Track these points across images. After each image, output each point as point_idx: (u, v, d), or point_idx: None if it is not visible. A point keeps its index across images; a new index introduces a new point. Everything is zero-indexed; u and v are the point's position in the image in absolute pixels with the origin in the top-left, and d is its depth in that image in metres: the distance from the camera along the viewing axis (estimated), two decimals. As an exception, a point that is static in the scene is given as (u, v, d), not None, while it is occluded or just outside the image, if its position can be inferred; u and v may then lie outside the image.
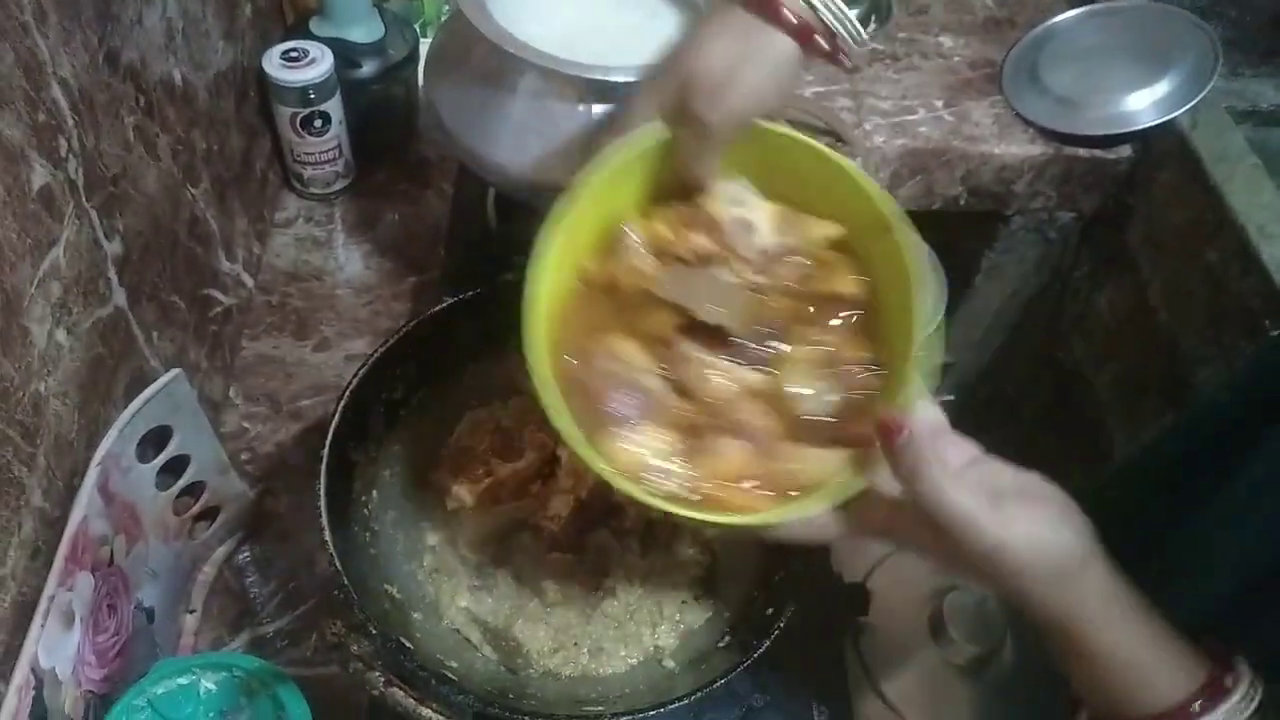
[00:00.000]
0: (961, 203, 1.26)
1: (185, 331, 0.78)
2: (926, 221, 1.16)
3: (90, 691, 0.62)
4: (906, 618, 0.79)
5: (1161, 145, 1.21)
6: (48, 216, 0.56)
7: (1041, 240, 1.35)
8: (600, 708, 0.56)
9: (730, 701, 0.67)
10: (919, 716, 0.75)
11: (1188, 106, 1.15)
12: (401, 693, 0.47)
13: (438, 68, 0.81)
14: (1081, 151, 1.22)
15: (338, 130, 0.97)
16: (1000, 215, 1.30)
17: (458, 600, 0.65)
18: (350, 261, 0.97)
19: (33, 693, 0.55)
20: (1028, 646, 0.79)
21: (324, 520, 0.55)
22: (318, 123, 0.94)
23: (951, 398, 0.95)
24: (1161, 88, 1.18)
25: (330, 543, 0.54)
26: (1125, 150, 1.23)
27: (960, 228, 1.33)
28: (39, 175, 0.55)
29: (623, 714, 0.54)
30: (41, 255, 0.56)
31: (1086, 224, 1.32)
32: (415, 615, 0.60)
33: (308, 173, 0.99)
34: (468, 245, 0.90)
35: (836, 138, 1.17)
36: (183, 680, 0.65)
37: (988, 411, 1.55)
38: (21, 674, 0.53)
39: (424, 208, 1.02)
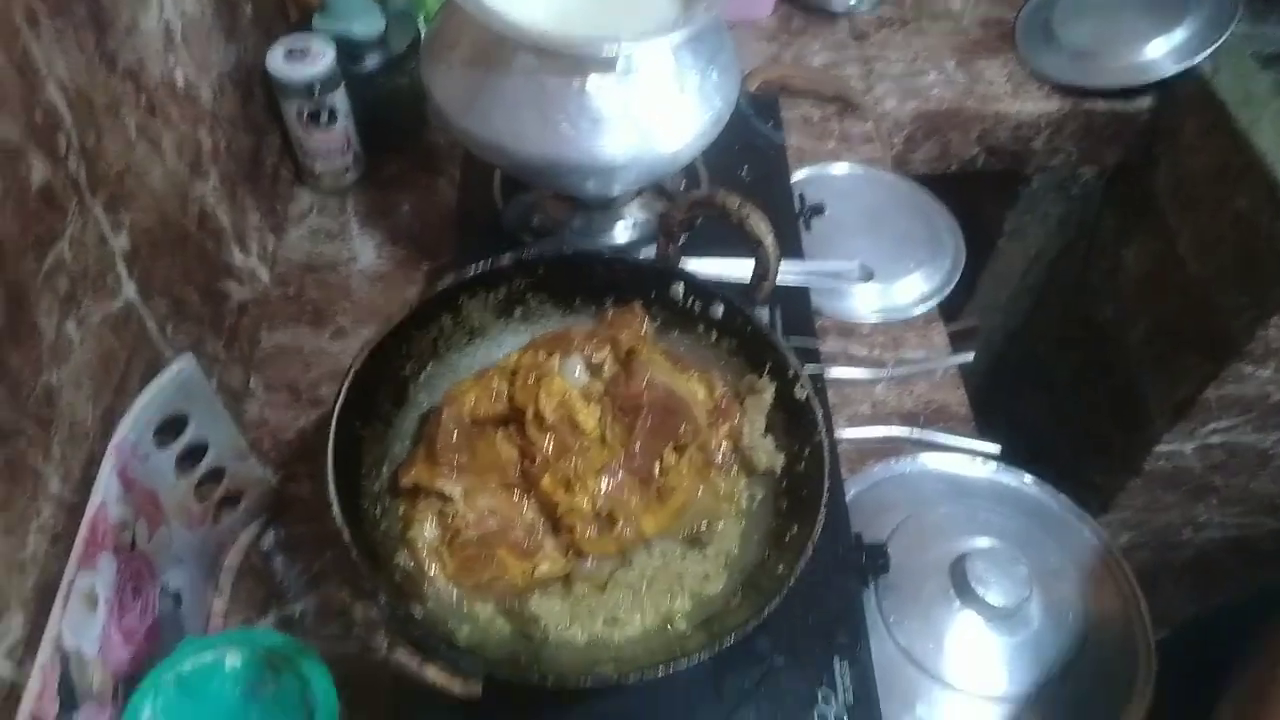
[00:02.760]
0: (979, 164, 1.24)
1: (200, 324, 0.79)
2: (944, 185, 1.16)
3: (119, 671, 0.64)
4: (929, 575, 0.78)
5: (1184, 93, 1.18)
6: (50, 213, 0.57)
7: (1064, 198, 1.32)
8: (611, 668, 0.56)
9: (750, 662, 0.67)
10: (944, 673, 0.74)
11: (1207, 52, 1.13)
12: (406, 654, 0.47)
13: (433, 55, 0.81)
14: (1101, 104, 1.20)
15: (345, 124, 0.98)
16: (1020, 175, 1.28)
17: (471, 574, 0.65)
18: (364, 251, 0.99)
19: (59, 671, 0.56)
20: (1054, 600, 0.78)
21: (331, 492, 0.55)
22: (324, 117, 0.96)
23: (971, 355, 0.94)
24: (1179, 35, 1.15)
25: (338, 514, 0.54)
26: (1146, 101, 1.21)
27: (980, 190, 1.32)
28: (39, 172, 0.56)
29: (631, 673, 0.54)
30: (45, 250, 0.57)
31: (1110, 178, 1.30)
32: (426, 588, 0.61)
33: (318, 167, 1.00)
34: (477, 227, 0.90)
35: (845, 104, 1.15)
36: (208, 657, 0.66)
37: (1018, 376, 1.53)
38: (46, 653, 0.55)
39: (435, 195, 1.03)
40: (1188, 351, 1.18)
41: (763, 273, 0.64)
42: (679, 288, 0.70)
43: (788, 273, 0.84)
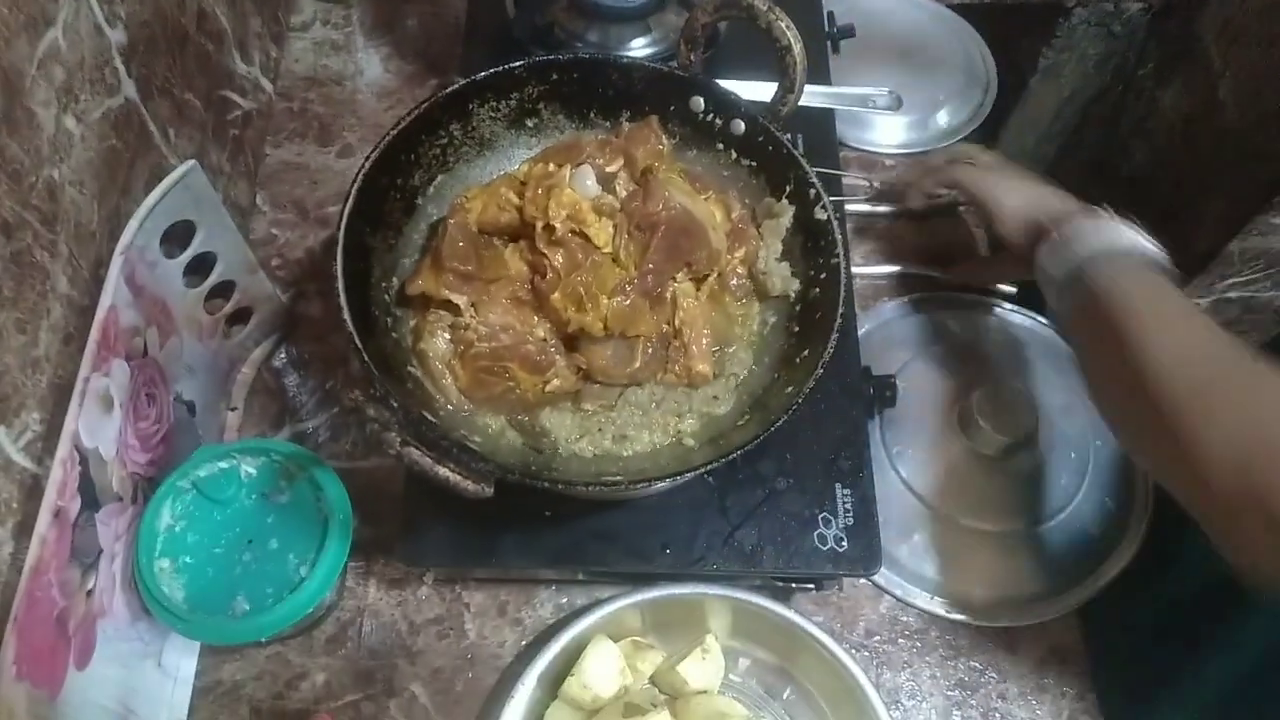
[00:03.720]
0: (1019, -7, 1.17)
1: (203, 132, 0.77)
2: (980, 16, 1.09)
3: (136, 474, 0.65)
4: (934, 410, 0.78)
5: (1246, -83, 1.09)
6: (40, -8, 0.54)
7: (1105, 35, 1.25)
8: (620, 478, 0.57)
9: (754, 484, 0.68)
10: (943, 504, 0.76)
11: None
12: (418, 452, 0.48)
13: None
14: (1155, -71, 1.12)
15: (348, -78, 0.93)
16: (1060, 7, 1.21)
17: (483, 386, 0.65)
18: (370, 65, 0.95)
19: (78, 468, 0.57)
20: (1057, 440, 0.78)
21: (340, 293, 0.54)
22: (326, -88, 0.90)
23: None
24: None
25: (347, 317, 0.54)
26: (1205, -74, 1.13)
27: (1016, 23, 1.24)
28: (25, -54, 0.53)
29: (639, 481, 0.55)
30: (38, 34, 0.54)
31: (1156, 15, 1.22)
32: (438, 398, 0.61)
33: (320, -29, 0.95)
34: (488, 40, 0.86)
35: (882, -80, 1.08)
36: (223, 464, 0.67)
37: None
38: (65, 449, 0.56)
39: (442, 6, 0.98)
40: (1214, 201, 1.14)
41: (789, 85, 0.61)
42: (699, 100, 0.67)
43: (814, 94, 0.80)
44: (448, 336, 0.62)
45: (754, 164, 0.68)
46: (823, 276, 0.64)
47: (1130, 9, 1.22)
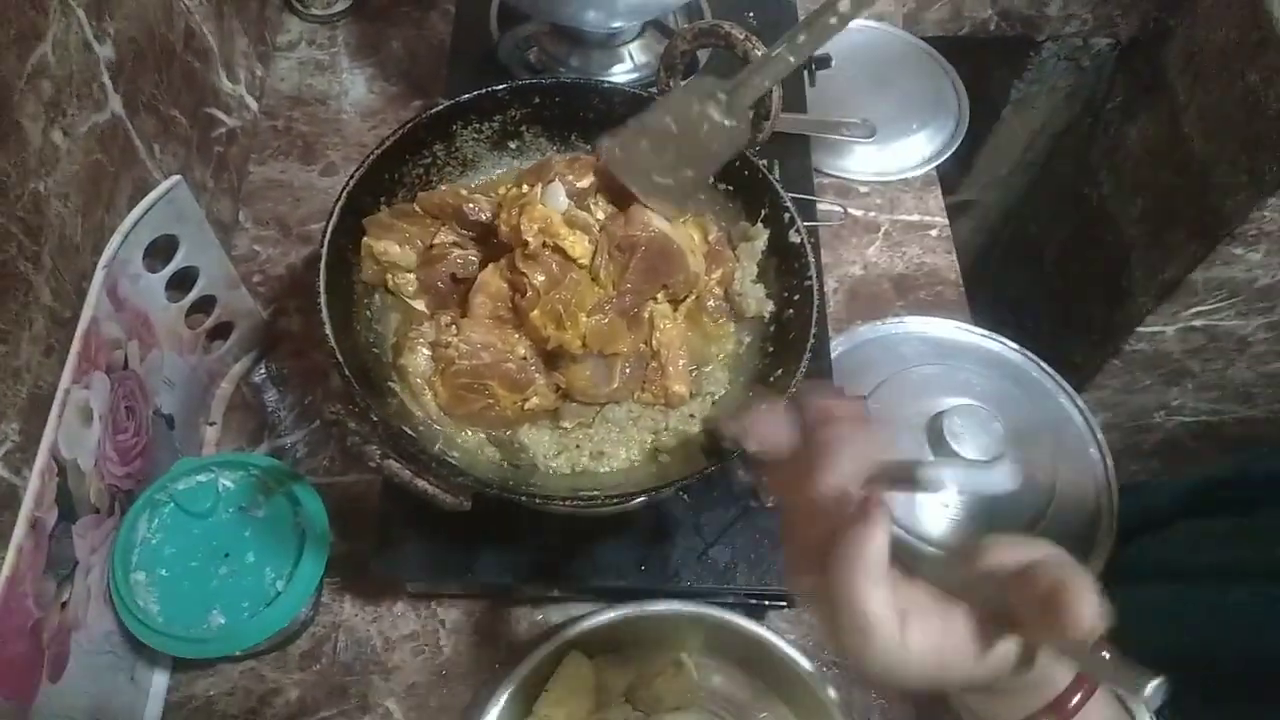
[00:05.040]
0: (991, 28, 1.20)
1: (188, 148, 0.77)
2: (954, 49, 1.12)
3: (114, 486, 0.65)
4: (907, 430, 0.80)
5: (1208, -41, 1.13)
6: (30, 8, 0.55)
7: (1074, 70, 1.29)
8: (596, 492, 0.58)
9: (727, 504, 0.69)
10: (914, 524, 0.77)
11: (1238, -88, 1.08)
12: (398, 464, 0.49)
13: None
14: (1122, -33, 1.16)
15: (335, -55, 0.94)
16: (1031, 42, 1.25)
17: (463, 403, 0.66)
18: (354, 86, 0.96)
19: (56, 479, 0.58)
20: (1027, 460, 0.80)
21: (323, 310, 0.55)
22: (313, -65, 0.91)
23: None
24: (1211, -108, 1.10)
25: (330, 335, 0.54)
26: (1169, -34, 1.17)
27: (989, 56, 1.28)
28: (17, -37, 0.54)
29: (616, 496, 0.55)
30: (28, 49, 0.55)
31: (1123, 50, 1.26)
32: (418, 413, 0.62)
33: (307, -8, 0.97)
34: (471, 63, 0.88)
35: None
36: (202, 478, 0.68)
37: (1009, 252, 1.53)
38: (43, 460, 0.56)
39: (427, 29, 1.00)
40: (1180, 231, 1.18)
41: (764, 112, 0.63)
42: (677, 125, 0.69)
43: (789, 121, 0.82)
44: (428, 353, 0.63)
45: (730, 188, 0.70)
46: (796, 298, 0.65)
47: (1098, 44, 1.26)
